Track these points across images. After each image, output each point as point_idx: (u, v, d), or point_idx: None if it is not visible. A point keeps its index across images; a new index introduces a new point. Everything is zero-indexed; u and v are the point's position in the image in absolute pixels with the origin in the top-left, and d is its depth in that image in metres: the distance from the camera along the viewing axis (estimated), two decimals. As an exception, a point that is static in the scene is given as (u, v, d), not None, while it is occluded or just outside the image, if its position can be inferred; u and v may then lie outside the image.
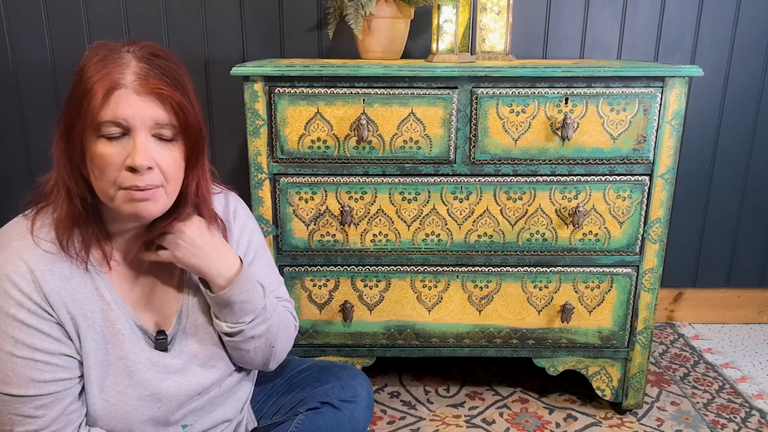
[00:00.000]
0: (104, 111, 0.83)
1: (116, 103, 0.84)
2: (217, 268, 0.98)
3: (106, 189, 0.87)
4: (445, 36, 1.55)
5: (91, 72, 0.85)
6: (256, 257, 1.11)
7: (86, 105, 0.83)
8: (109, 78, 0.84)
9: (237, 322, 1.01)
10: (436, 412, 1.65)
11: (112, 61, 0.85)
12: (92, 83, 0.84)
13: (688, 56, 1.95)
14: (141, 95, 0.85)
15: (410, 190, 1.46)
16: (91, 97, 0.83)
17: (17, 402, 0.87)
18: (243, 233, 1.10)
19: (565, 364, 1.59)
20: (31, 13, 1.87)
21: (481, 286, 1.53)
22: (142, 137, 0.85)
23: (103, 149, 0.85)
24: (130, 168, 0.85)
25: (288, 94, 1.40)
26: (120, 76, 0.84)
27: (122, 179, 0.85)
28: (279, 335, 1.08)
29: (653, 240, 1.49)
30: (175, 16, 1.88)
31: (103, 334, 0.93)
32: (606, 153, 1.43)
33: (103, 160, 0.85)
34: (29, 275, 0.87)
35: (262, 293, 1.04)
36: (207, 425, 1.06)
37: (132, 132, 0.85)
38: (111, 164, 0.85)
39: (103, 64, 0.85)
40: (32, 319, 0.87)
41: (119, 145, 0.85)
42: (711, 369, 1.88)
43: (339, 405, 1.14)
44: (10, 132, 1.96)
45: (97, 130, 0.84)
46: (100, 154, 0.85)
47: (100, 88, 0.83)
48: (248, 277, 1.01)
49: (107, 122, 0.84)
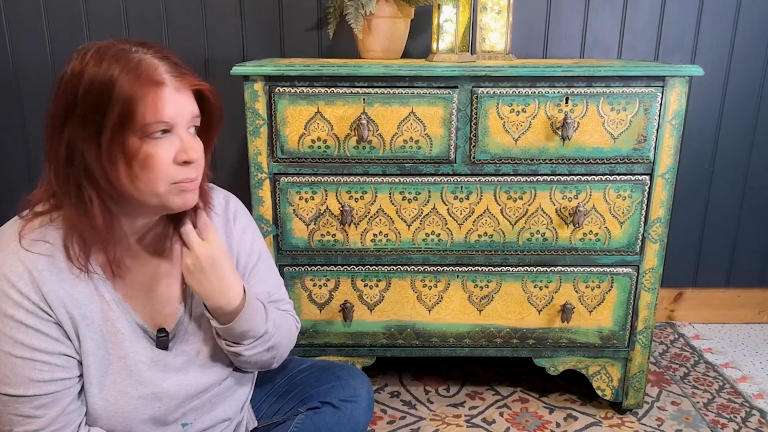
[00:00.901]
0: (152, 113, 0.84)
1: (162, 103, 0.85)
2: (219, 301, 0.97)
3: (154, 186, 0.87)
4: (446, 35, 1.55)
5: (117, 76, 0.83)
6: (260, 259, 1.11)
7: (130, 109, 0.83)
8: (149, 80, 0.84)
9: (237, 343, 1.02)
10: (436, 411, 1.65)
11: (136, 62, 0.85)
12: (126, 87, 0.83)
13: (688, 56, 1.95)
14: (181, 92, 0.88)
15: (410, 190, 1.46)
16: (137, 101, 0.83)
17: (16, 402, 0.87)
18: (245, 234, 1.10)
19: (565, 364, 1.59)
20: (31, 13, 1.86)
21: (482, 285, 1.53)
22: (185, 132, 0.89)
23: (152, 149, 0.86)
24: (185, 162, 0.88)
25: (288, 93, 1.40)
26: (159, 78, 0.85)
27: (175, 174, 0.88)
28: (281, 344, 1.09)
29: (653, 240, 1.49)
30: (175, 16, 1.88)
31: (103, 334, 0.93)
32: (606, 153, 1.43)
33: (153, 160, 0.86)
34: (27, 275, 0.86)
35: (264, 318, 1.03)
36: (207, 424, 1.06)
37: (174, 129, 0.88)
38: (163, 162, 0.87)
39: (127, 67, 0.84)
40: (31, 319, 0.87)
41: (166, 142, 0.87)
42: (711, 369, 1.88)
43: (339, 405, 1.14)
44: (9, 132, 1.96)
45: (144, 131, 0.85)
46: (150, 154, 0.85)
47: (145, 92, 0.83)
48: (251, 309, 1.00)
49: (156, 122, 0.85)
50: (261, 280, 1.10)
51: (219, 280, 0.97)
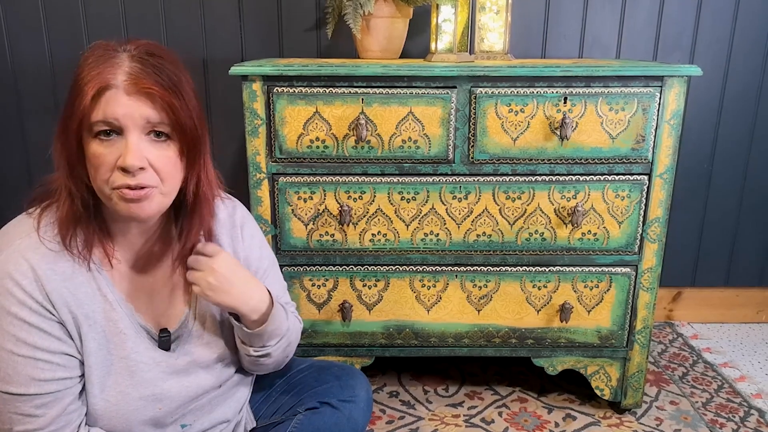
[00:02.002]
0: (95, 111, 0.84)
1: (107, 103, 0.84)
2: (250, 304, 0.99)
3: (101, 189, 0.87)
4: (444, 35, 1.55)
5: (85, 72, 0.85)
6: (269, 265, 1.13)
7: (78, 105, 0.84)
8: (99, 78, 0.84)
9: (264, 345, 1.04)
10: (435, 411, 1.65)
11: (105, 61, 0.85)
12: (84, 83, 0.84)
13: (687, 56, 1.96)
14: (131, 95, 0.84)
15: (409, 190, 1.46)
16: (83, 97, 0.84)
17: (17, 400, 0.87)
18: (254, 240, 1.11)
19: (564, 364, 1.59)
20: (30, 13, 1.86)
21: (480, 285, 1.53)
22: (134, 137, 0.85)
23: (97, 149, 0.85)
24: (121, 168, 0.85)
25: (287, 93, 1.40)
26: (111, 76, 0.84)
27: (114, 179, 0.85)
28: (295, 341, 1.13)
29: (652, 239, 1.49)
30: (173, 16, 1.88)
31: (105, 334, 0.93)
32: (605, 152, 1.43)
33: (96, 160, 0.85)
34: (31, 274, 0.87)
35: (285, 315, 1.07)
36: (206, 425, 1.06)
37: (124, 132, 0.85)
38: (104, 164, 0.85)
39: (95, 64, 0.85)
40: (34, 317, 0.87)
41: (112, 145, 0.85)
42: (710, 368, 1.88)
43: (338, 405, 1.14)
44: (8, 131, 1.96)
45: (90, 130, 0.85)
46: (94, 154, 0.85)
47: (90, 88, 0.83)
48: (278, 308, 1.04)
49: (98, 122, 0.84)
50: (271, 285, 1.11)
51: (245, 284, 0.99)
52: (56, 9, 1.86)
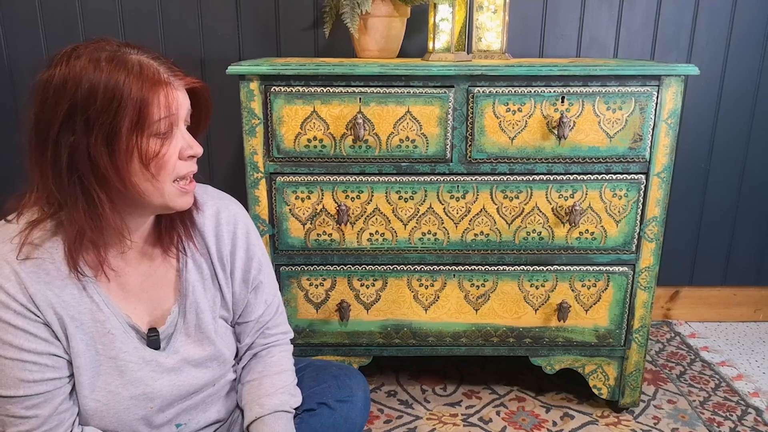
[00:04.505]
0: (164, 111, 0.86)
1: (169, 101, 0.87)
2: None
3: (162, 185, 0.89)
4: (442, 35, 1.55)
5: (132, 80, 0.84)
6: (262, 266, 1.11)
7: (144, 111, 0.84)
8: (157, 81, 0.86)
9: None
10: (433, 411, 1.65)
11: (138, 65, 0.85)
12: (141, 90, 0.84)
13: (684, 55, 1.96)
14: (179, 90, 0.89)
15: (407, 189, 1.46)
16: (149, 102, 0.85)
17: (7, 403, 0.87)
18: (249, 236, 1.09)
19: (561, 363, 1.59)
20: (26, 9, 1.86)
21: (478, 285, 1.53)
22: (184, 128, 0.91)
23: (162, 147, 0.88)
24: (190, 157, 0.92)
25: (284, 93, 1.39)
26: (161, 77, 0.87)
27: (179, 169, 0.91)
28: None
29: (649, 238, 1.49)
30: (170, 15, 1.87)
31: (92, 335, 0.93)
32: (602, 152, 1.43)
33: (164, 157, 0.88)
34: (14, 277, 0.86)
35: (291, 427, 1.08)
36: (201, 424, 1.06)
37: (176, 125, 0.90)
38: (170, 158, 0.89)
39: (134, 70, 0.85)
40: (18, 320, 0.86)
41: (172, 139, 0.89)
42: (707, 367, 1.88)
43: (335, 405, 1.13)
44: (3, 129, 1.95)
45: (155, 131, 0.86)
46: (157, 152, 0.87)
47: (156, 92, 0.85)
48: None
49: (166, 120, 0.87)
50: (263, 290, 1.11)
51: None
52: (52, 4, 1.85)
